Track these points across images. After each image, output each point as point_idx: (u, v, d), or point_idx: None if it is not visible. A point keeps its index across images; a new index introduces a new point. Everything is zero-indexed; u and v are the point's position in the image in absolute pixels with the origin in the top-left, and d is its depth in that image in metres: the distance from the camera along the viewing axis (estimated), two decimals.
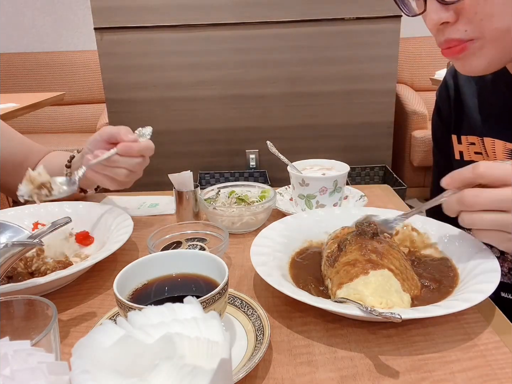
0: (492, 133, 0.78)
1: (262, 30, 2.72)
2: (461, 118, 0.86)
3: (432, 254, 0.72)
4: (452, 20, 0.61)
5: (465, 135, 0.84)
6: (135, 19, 2.69)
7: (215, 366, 0.27)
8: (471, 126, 0.83)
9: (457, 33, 0.62)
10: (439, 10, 0.60)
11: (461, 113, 0.86)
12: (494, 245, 0.63)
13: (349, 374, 0.51)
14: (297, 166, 0.96)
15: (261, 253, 0.68)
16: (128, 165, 0.84)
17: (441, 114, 0.92)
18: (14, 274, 0.69)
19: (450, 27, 0.62)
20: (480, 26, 0.60)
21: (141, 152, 0.85)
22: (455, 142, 0.86)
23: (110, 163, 0.83)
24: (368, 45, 2.75)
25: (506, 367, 0.51)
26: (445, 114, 0.91)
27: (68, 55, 3.57)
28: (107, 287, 0.70)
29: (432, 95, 3.44)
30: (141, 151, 0.85)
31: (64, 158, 0.97)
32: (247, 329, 0.56)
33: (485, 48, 0.62)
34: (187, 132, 2.92)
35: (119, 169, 0.83)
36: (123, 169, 0.84)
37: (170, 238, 0.79)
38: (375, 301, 0.57)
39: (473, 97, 0.84)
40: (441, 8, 0.60)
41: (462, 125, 0.85)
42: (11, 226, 0.60)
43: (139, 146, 0.85)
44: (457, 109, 0.87)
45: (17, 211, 0.87)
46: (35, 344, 0.38)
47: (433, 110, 0.96)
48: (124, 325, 0.32)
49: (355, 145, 2.96)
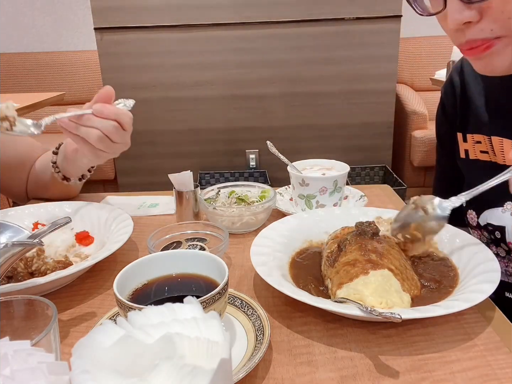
0: (500, 132, 0.76)
1: (262, 30, 2.72)
2: (467, 116, 0.85)
3: (432, 254, 0.72)
4: (475, 19, 0.58)
5: (471, 133, 0.83)
6: (135, 19, 2.69)
7: (215, 366, 0.27)
8: (477, 124, 0.82)
9: (482, 33, 0.59)
10: (462, 9, 0.57)
11: (467, 111, 0.85)
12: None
13: (349, 374, 0.51)
14: (297, 166, 0.96)
15: (261, 253, 0.68)
16: (101, 127, 0.79)
17: (446, 111, 0.91)
18: (14, 274, 0.69)
19: (473, 26, 0.59)
20: (508, 24, 0.57)
21: (117, 116, 0.80)
22: (460, 140, 0.85)
23: (83, 122, 0.79)
24: (368, 45, 2.75)
25: (506, 367, 0.51)
26: (450, 112, 0.89)
27: (68, 55, 3.56)
28: (107, 287, 0.70)
29: (432, 95, 3.41)
30: (117, 114, 0.80)
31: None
32: (247, 329, 0.56)
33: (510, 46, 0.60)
34: (187, 132, 2.92)
35: (91, 130, 0.79)
36: (95, 130, 0.79)
37: (170, 238, 0.79)
38: (375, 301, 0.57)
39: (479, 95, 0.82)
40: (464, 7, 0.57)
41: (468, 124, 0.84)
42: (11, 226, 0.60)
43: (116, 109, 0.81)
44: (463, 107, 0.85)
45: (17, 211, 0.87)
46: (35, 344, 0.38)
47: (437, 107, 0.94)
48: (124, 325, 0.32)
49: (355, 145, 2.96)
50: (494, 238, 0.80)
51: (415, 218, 0.68)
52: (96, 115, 0.79)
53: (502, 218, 0.77)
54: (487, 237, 0.81)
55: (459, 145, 0.86)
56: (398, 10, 2.67)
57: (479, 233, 0.83)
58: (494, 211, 0.78)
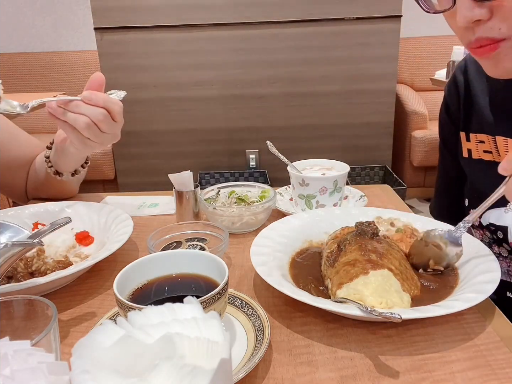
0: (505, 132, 0.76)
1: (262, 30, 2.72)
2: (470, 115, 0.84)
3: None
4: (485, 17, 0.57)
5: (474, 133, 0.82)
6: (135, 19, 2.69)
7: (215, 366, 0.27)
8: (481, 124, 0.81)
9: (491, 32, 0.58)
10: (473, 7, 0.56)
11: (470, 110, 0.84)
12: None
13: (349, 374, 0.51)
14: (297, 166, 0.96)
15: (261, 253, 0.68)
16: (89, 114, 0.77)
17: (450, 111, 0.90)
18: (14, 274, 0.69)
19: (482, 25, 0.58)
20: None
21: (106, 103, 0.78)
22: (463, 139, 0.85)
23: (71, 108, 0.78)
24: (368, 45, 2.75)
25: (506, 367, 0.51)
26: (453, 111, 0.89)
27: (68, 55, 3.57)
28: (107, 287, 0.70)
29: (432, 95, 3.42)
30: (106, 102, 0.78)
31: None
32: (247, 329, 0.56)
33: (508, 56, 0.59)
34: (187, 132, 2.92)
35: (79, 116, 0.77)
36: (83, 117, 0.77)
37: (170, 238, 0.79)
38: (375, 301, 0.57)
39: (483, 94, 0.81)
40: (474, 5, 0.56)
41: (471, 123, 0.84)
42: (11, 226, 0.60)
43: (106, 97, 0.79)
44: (467, 106, 0.85)
45: (17, 211, 0.87)
46: (35, 344, 0.38)
47: (440, 107, 0.94)
48: (124, 325, 0.32)
49: (355, 145, 2.96)
50: (496, 238, 0.80)
51: (431, 255, 0.68)
52: (85, 102, 0.78)
53: (504, 218, 0.77)
54: (489, 237, 0.81)
55: (462, 145, 0.85)
56: (398, 10, 2.67)
57: (481, 232, 0.83)
58: (496, 211, 0.78)
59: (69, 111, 0.78)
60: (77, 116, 0.78)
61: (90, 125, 0.78)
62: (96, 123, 0.78)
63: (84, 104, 0.78)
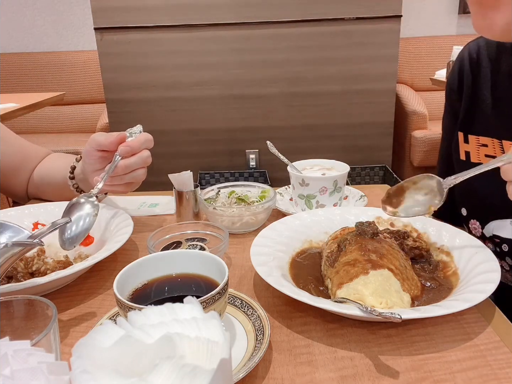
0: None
1: (262, 30, 2.72)
2: (472, 116, 0.79)
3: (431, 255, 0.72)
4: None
5: (476, 135, 0.77)
6: (135, 19, 2.69)
7: (215, 366, 0.27)
8: (486, 126, 0.76)
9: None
10: None
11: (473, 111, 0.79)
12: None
13: (349, 374, 0.51)
14: (297, 166, 0.96)
15: (261, 253, 0.68)
16: (142, 163, 0.82)
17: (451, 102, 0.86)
18: (14, 274, 0.69)
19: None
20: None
21: (143, 145, 0.83)
22: (461, 140, 0.80)
23: (125, 170, 0.81)
24: (368, 45, 2.75)
25: (506, 367, 0.51)
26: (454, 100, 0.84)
27: (68, 55, 3.56)
28: (107, 287, 0.70)
29: (432, 95, 3.41)
30: (142, 144, 0.83)
31: (64, 161, 0.96)
32: (247, 329, 0.56)
33: (503, 6, 0.55)
34: (187, 132, 2.92)
35: (136, 172, 0.82)
36: (141, 169, 0.83)
37: (170, 238, 0.79)
38: (375, 301, 0.57)
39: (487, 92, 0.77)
40: None
41: (473, 124, 0.79)
42: (11, 226, 0.60)
43: (139, 141, 0.83)
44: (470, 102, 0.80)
45: (17, 211, 0.87)
46: (35, 344, 0.37)
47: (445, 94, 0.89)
48: (124, 325, 0.32)
49: (355, 145, 2.96)
50: (499, 251, 0.77)
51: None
52: (128, 156, 0.81)
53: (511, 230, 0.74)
54: (491, 249, 0.77)
55: (459, 146, 0.81)
56: (398, 10, 2.67)
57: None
58: (501, 223, 0.75)
59: (123, 175, 0.81)
60: (133, 174, 0.82)
61: (146, 171, 0.84)
62: (147, 165, 0.84)
63: (132, 159, 0.81)
